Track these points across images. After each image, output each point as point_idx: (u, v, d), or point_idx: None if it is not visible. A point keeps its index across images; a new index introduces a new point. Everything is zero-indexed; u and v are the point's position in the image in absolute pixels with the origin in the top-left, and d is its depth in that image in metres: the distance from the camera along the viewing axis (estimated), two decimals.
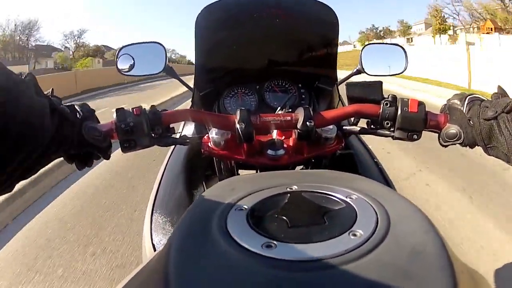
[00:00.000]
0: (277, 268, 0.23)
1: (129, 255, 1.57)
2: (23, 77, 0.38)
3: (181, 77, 0.85)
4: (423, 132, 0.51)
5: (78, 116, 0.47)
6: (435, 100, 5.35)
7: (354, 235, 0.26)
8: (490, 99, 0.46)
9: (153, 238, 0.60)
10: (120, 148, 0.51)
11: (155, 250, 0.58)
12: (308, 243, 0.25)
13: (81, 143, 0.46)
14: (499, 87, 0.47)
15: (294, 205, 0.31)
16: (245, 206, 0.30)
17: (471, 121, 0.46)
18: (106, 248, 1.63)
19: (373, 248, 0.24)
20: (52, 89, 0.46)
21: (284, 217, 0.28)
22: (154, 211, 0.65)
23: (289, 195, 0.32)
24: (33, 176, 0.40)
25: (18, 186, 0.39)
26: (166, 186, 0.71)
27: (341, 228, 0.26)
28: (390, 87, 7.45)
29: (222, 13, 0.75)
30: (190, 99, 0.80)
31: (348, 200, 0.31)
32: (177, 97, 7.36)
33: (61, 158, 0.47)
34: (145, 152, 0.58)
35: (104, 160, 0.53)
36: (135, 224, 1.83)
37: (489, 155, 0.45)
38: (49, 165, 0.47)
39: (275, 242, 0.25)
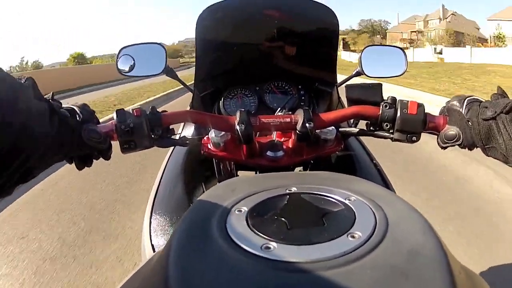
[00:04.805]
0: (277, 269, 0.23)
1: None
2: (22, 81, 0.38)
3: None
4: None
5: (78, 118, 0.46)
6: None
7: (353, 237, 0.26)
8: (490, 100, 0.46)
9: (152, 238, 0.60)
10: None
11: (154, 250, 0.58)
12: (307, 244, 0.25)
13: (81, 145, 0.46)
14: (499, 88, 0.47)
15: (293, 206, 0.31)
16: (245, 208, 0.30)
17: (469, 122, 0.45)
18: None
19: (371, 249, 0.24)
20: (53, 92, 0.45)
21: (283, 219, 0.29)
22: (153, 212, 0.65)
23: (288, 196, 0.32)
24: None
25: None
26: (166, 187, 0.71)
27: (340, 230, 0.27)
28: None
29: (223, 14, 0.75)
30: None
31: (346, 202, 0.31)
32: None
33: None
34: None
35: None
36: None
37: (488, 155, 0.45)
38: None
39: (274, 243, 0.25)
